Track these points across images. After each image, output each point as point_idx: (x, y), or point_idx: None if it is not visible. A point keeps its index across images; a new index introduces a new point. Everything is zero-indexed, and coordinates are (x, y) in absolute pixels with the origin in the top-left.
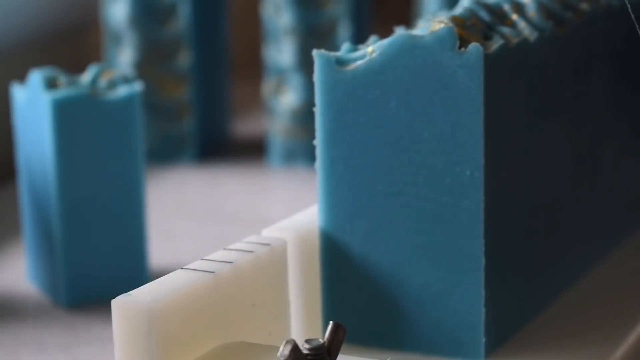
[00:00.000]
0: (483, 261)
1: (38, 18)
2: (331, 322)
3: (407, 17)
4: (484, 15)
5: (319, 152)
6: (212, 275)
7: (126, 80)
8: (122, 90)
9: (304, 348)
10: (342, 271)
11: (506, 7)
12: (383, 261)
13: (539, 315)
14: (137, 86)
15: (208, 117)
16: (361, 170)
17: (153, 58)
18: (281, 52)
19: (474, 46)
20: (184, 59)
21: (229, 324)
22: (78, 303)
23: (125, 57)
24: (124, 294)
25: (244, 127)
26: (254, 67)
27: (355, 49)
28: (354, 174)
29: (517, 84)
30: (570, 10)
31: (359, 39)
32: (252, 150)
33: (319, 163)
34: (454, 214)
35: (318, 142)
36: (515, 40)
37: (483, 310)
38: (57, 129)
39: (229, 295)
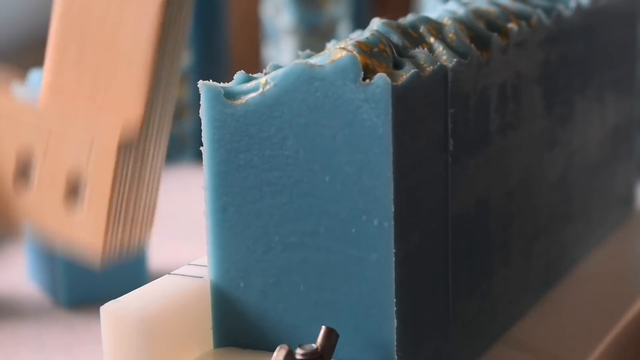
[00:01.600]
0: (395, 323)
1: (38, 18)
2: (323, 326)
3: None
4: (395, 39)
5: (207, 197)
6: (200, 280)
7: None
8: None
9: (297, 353)
10: (237, 333)
11: (422, 29)
12: (282, 322)
13: (511, 330)
14: None
15: None
16: (256, 218)
17: None
18: (281, 52)
19: (379, 77)
20: (184, 59)
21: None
22: (78, 303)
23: None
24: (112, 300)
25: None
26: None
27: (249, 79)
28: (248, 223)
29: (433, 117)
30: (496, 31)
31: None
32: None
33: (207, 210)
34: (360, 269)
35: (206, 185)
36: (430, 69)
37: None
38: None
39: None
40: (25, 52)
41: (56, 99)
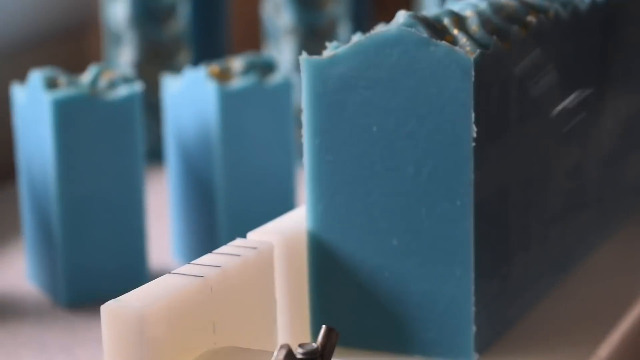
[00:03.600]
0: (472, 256)
1: (38, 18)
2: (324, 326)
3: None
4: (421, 31)
5: (307, 152)
6: (200, 279)
7: (126, 80)
8: (122, 90)
9: (298, 352)
10: (330, 273)
11: (446, 21)
12: (370, 257)
13: (528, 313)
14: (137, 86)
15: None
16: (353, 167)
17: (153, 58)
18: (281, 52)
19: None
20: (184, 59)
21: (218, 328)
22: (78, 303)
23: (125, 57)
24: (113, 300)
25: None
26: None
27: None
28: (345, 172)
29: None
30: (516, 23)
31: None
32: None
33: (307, 163)
34: (443, 212)
35: (307, 142)
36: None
37: (473, 308)
38: (57, 129)
39: (217, 299)
40: (25, 52)
41: None
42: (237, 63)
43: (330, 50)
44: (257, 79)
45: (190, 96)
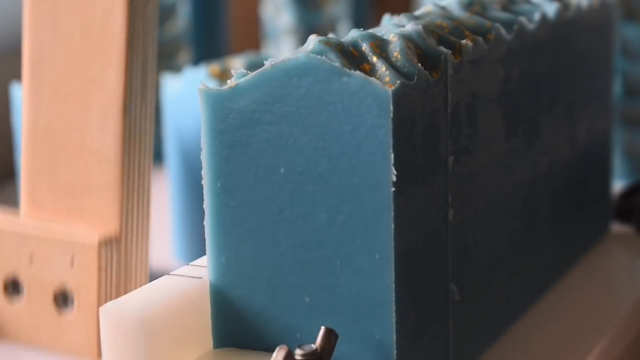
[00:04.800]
0: (394, 315)
1: None
2: (323, 327)
3: None
4: (333, 59)
5: (207, 198)
6: (199, 281)
7: None
8: None
9: (297, 354)
10: (236, 332)
11: (365, 47)
12: (280, 319)
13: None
14: None
15: None
16: (257, 216)
17: None
18: (281, 52)
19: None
20: (184, 58)
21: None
22: None
23: None
24: (112, 301)
25: None
26: None
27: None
28: (249, 221)
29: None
30: (448, 47)
31: None
32: None
33: (207, 210)
34: (360, 266)
35: (206, 186)
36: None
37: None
38: None
39: None
40: None
41: (34, 214)
42: (237, 63)
43: (234, 79)
44: None
45: (190, 96)
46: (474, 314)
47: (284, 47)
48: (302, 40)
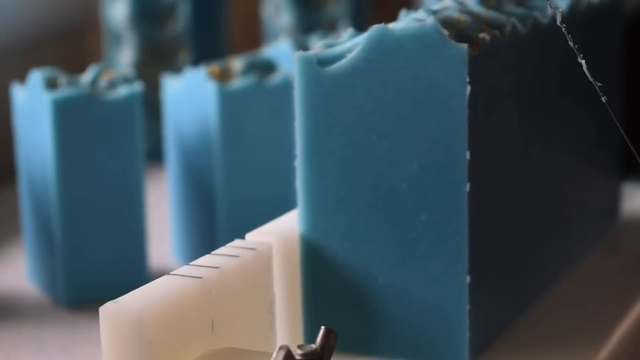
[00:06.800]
0: (467, 254)
1: (38, 18)
2: (323, 327)
3: None
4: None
5: (300, 157)
6: (199, 280)
7: (126, 80)
8: (122, 90)
9: (297, 354)
10: (322, 274)
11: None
12: (363, 260)
13: (523, 316)
14: (137, 86)
15: None
16: (344, 172)
17: (153, 58)
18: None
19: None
20: (184, 59)
21: (216, 330)
22: (78, 303)
23: (125, 57)
24: (111, 301)
25: None
26: None
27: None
28: (337, 174)
29: None
30: (466, 41)
31: None
32: None
33: (300, 168)
34: (438, 206)
35: (299, 147)
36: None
37: (467, 308)
38: (57, 129)
39: (216, 300)
40: (25, 52)
41: None
42: (237, 63)
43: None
44: (257, 79)
45: (190, 96)
46: (528, 257)
47: (284, 46)
48: (302, 40)
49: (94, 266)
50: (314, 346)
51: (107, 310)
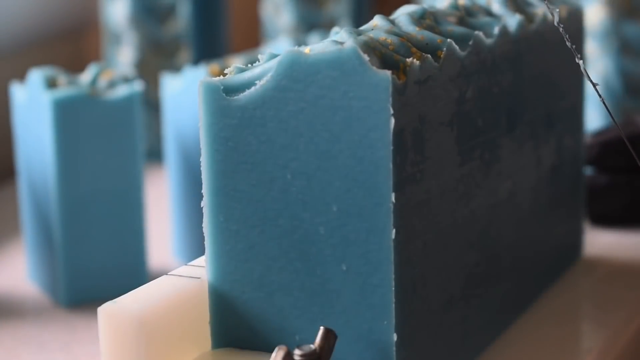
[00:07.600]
0: (393, 309)
1: (38, 18)
2: (322, 327)
3: None
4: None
5: (206, 197)
6: (197, 281)
7: (126, 80)
8: (122, 90)
9: (296, 354)
10: (233, 328)
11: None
12: (278, 314)
13: None
14: (137, 86)
15: None
16: (254, 214)
17: (153, 58)
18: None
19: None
20: (184, 58)
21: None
22: (78, 303)
23: (125, 57)
24: (110, 301)
25: None
26: None
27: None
28: (247, 221)
29: None
30: (391, 67)
31: None
32: None
33: (206, 210)
34: (360, 254)
35: (205, 184)
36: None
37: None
38: (57, 129)
39: None
40: (25, 52)
41: None
42: (237, 63)
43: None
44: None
45: (190, 96)
46: (423, 357)
47: (284, 47)
48: (302, 40)
49: (93, 266)
50: (312, 346)
51: (105, 310)
